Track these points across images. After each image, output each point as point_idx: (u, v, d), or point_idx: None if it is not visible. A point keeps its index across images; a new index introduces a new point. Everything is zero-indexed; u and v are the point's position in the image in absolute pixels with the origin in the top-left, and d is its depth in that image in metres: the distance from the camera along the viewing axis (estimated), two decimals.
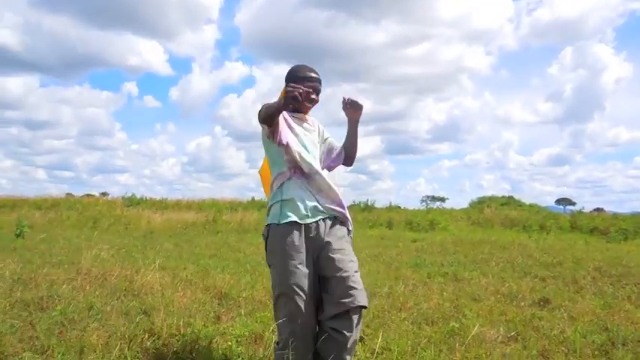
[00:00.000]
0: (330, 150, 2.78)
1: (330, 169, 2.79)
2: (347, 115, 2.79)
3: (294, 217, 2.43)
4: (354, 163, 2.86)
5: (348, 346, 2.36)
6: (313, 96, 2.56)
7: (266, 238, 2.53)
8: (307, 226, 2.45)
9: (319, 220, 2.49)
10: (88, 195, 28.66)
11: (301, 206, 2.46)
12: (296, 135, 2.56)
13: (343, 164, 2.82)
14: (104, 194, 30.22)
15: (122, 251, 7.57)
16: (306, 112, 2.70)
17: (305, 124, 2.67)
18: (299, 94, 2.16)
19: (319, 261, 2.45)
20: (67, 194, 27.13)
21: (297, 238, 2.42)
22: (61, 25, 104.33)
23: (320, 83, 2.64)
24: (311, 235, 2.45)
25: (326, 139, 2.79)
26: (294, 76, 2.59)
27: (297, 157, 2.49)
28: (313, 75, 2.61)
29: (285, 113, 2.53)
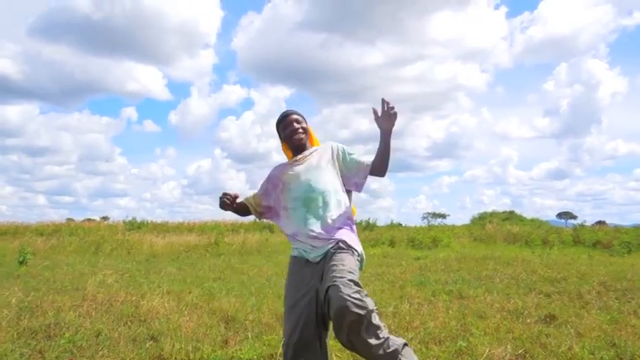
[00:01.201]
0: (353, 168, 2.75)
1: (357, 186, 2.76)
2: (379, 125, 2.66)
3: None
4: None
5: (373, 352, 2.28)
6: (295, 125, 2.75)
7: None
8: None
9: None
10: (89, 219, 28.72)
11: None
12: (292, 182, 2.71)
13: (375, 174, 2.72)
14: (105, 218, 30.28)
15: (126, 276, 7.58)
16: (302, 148, 2.78)
17: (307, 161, 2.74)
18: (226, 199, 2.64)
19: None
20: (68, 219, 27.18)
21: None
22: (60, 54, 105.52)
23: (297, 114, 2.79)
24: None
25: (344, 157, 2.77)
26: (277, 126, 2.85)
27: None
28: (287, 114, 2.79)
29: (277, 172, 2.81)
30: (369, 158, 2.72)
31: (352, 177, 2.75)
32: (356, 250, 2.54)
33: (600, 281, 7.05)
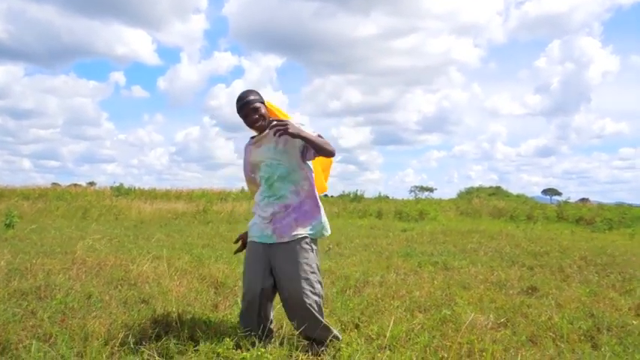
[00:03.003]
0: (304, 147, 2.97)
1: (309, 158, 3.00)
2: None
3: None
4: (343, 153, 3.02)
5: None
6: (254, 116, 2.91)
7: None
8: None
9: None
10: (75, 185, 28.44)
11: None
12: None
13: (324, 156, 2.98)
14: (91, 184, 29.97)
15: (115, 241, 7.59)
16: (261, 131, 2.99)
17: (267, 142, 2.97)
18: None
19: None
20: (54, 184, 26.95)
21: None
22: (46, 13, 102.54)
23: (253, 103, 2.91)
24: None
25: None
26: (237, 111, 2.97)
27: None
28: (244, 103, 2.91)
29: (246, 155, 3.14)
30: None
31: (306, 153, 2.96)
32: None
33: (581, 256, 7.24)
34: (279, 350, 2.63)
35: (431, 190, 43.50)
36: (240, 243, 3.23)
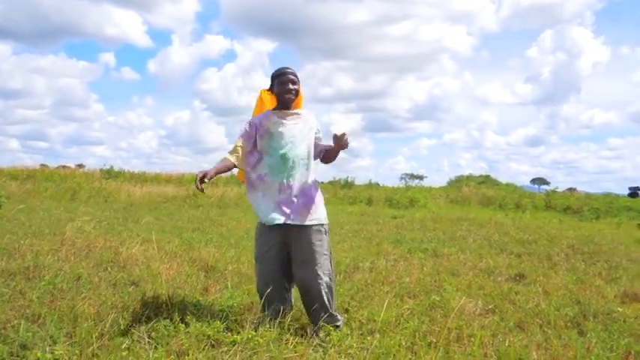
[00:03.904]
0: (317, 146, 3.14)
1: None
2: (335, 143, 2.99)
3: None
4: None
5: None
6: (290, 86, 2.98)
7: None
8: None
9: None
10: (64, 166, 28.07)
11: None
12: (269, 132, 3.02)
13: (321, 162, 3.19)
14: (80, 166, 29.64)
15: (104, 223, 7.55)
16: (287, 107, 3.05)
17: (292, 121, 3.04)
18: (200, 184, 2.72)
19: None
20: (42, 165, 26.57)
21: None
22: None
23: (295, 76, 3.02)
24: None
25: (317, 136, 3.15)
26: (272, 77, 3.07)
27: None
28: (286, 72, 3.01)
29: (262, 118, 3.06)
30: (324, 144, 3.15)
31: (315, 151, 3.12)
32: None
33: (569, 244, 7.32)
34: (270, 333, 2.64)
35: (421, 177, 43.53)
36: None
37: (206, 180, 2.75)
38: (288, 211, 2.91)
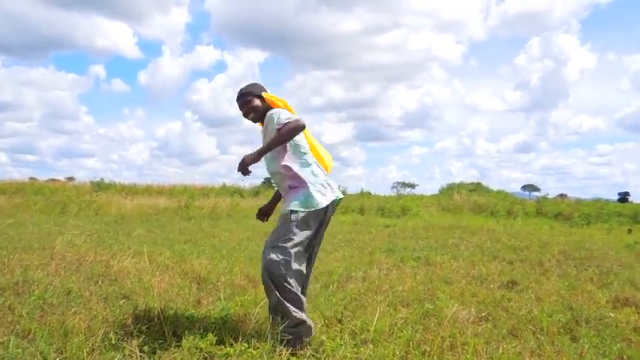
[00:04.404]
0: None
1: None
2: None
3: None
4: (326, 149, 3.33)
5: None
6: (245, 111, 3.13)
7: None
8: None
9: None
10: (53, 179, 27.88)
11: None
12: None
13: None
14: (70, 179, 29.43)
15: (95, 237, 7.48)
16: (258, 121, 3.17)
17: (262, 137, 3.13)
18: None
19: None
20: (31, 178, 26.36)
21: None
22: (23, 4, 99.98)
23: (245, 97, 3.11)
24: None
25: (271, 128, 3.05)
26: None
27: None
28: (237, 97, 3.16)
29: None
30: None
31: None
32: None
33: (560, 250, 7.37)
34: (263, 345, 2.62)
35: (413, 186, 43.70)
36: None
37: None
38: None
